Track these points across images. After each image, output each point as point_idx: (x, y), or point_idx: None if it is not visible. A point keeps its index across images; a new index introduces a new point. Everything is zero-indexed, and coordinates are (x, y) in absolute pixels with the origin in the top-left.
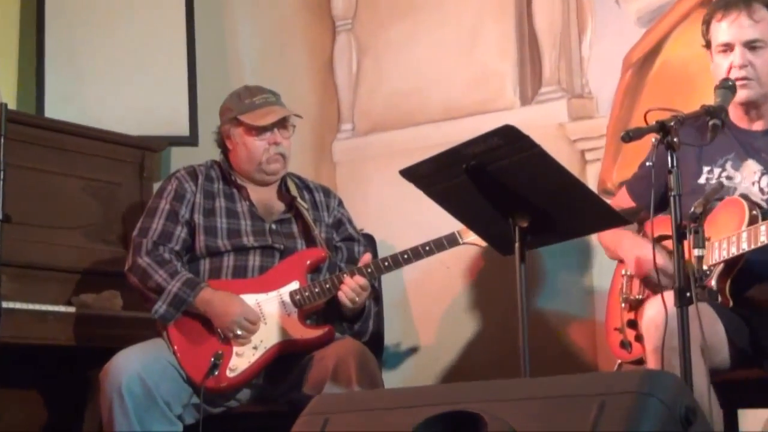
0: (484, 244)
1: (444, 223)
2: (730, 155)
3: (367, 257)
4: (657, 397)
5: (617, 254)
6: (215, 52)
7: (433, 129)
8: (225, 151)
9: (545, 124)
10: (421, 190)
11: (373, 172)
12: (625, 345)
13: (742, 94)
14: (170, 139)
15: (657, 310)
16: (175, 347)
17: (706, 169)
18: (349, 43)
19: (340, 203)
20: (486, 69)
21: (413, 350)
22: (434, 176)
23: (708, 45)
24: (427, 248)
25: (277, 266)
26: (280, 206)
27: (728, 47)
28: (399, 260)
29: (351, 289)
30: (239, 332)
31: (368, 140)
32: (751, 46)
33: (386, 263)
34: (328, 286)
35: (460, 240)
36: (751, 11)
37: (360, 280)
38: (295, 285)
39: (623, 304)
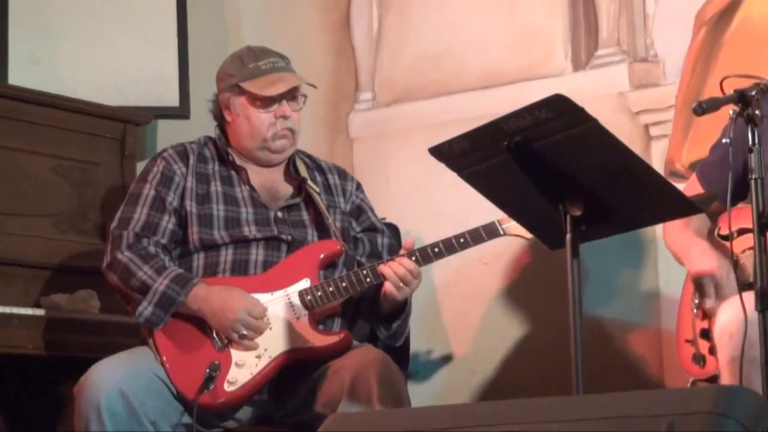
0: (529, 235)
1: (481, 211)
2: None
3: (410, 242)
4: (734, 417)
5: (683, 263)
6: (210, 7)
7: (469, 99)
8: (222, 124)
9: (602, 93)
10: (454, 171)
11: (396, 150)
12: (697, 359)
13: None
14: (156, 110)
15: (732, 315)
16: (164, 357)
17: None
18: None
19: (359, 187)
20: (532, 28)
21: (444, 361)
22: (470, 155)
23: None
24: (462, 240)
25: (283, 261)
26: (287, 190)
27: None
28: (428, 254)
29: (398, 273)
30: (244, 332)
31: (391, 112)
32: None
33: (413, 258)
34: (344, 284)
35: (500, 231)
36: None
37: (408, 263)
38: (305, 283)
39: (695, 311)
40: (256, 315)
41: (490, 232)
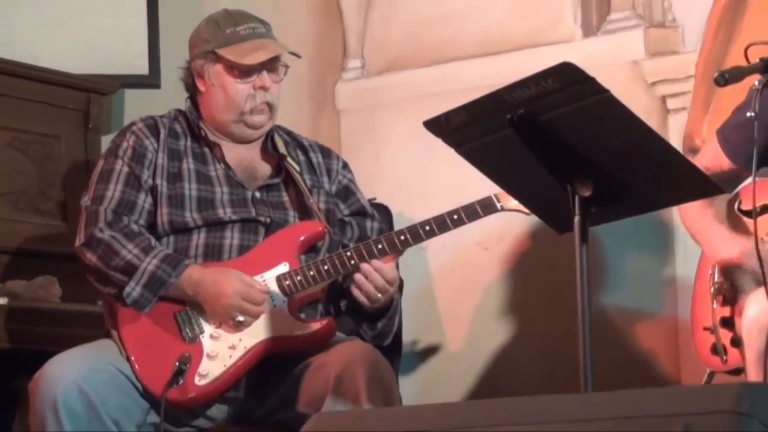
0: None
1: (480, 190)
2: None
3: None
4: (758, 418)
5: (701, 245)
6: None
7: (468, 67)
8: (194, 95)
9: (615, 61)
10: (451, 146)
11: (388, 124)
12: (717, 350)
13: None
14: (124, 78)
15: (761, 308)
16: (128, 350)
17: None
18: None
19: (346, 166)
20: None
21: (439, 356)
22: (468, 129)
23: None
24: (456, 217)
25: (260, 245)
26: (265, 168)
27: None
28: (419, 233)
29: (376, 284)
30: (241, 318)
31: (382, 82)
32: None
33: (402, 237)
34: (326, 267)
35: (498, 206)
36: None
37: (387, 272)
38: (283, 267)
39: (715, 297)
40: (253, 300)
41: (486, 207)
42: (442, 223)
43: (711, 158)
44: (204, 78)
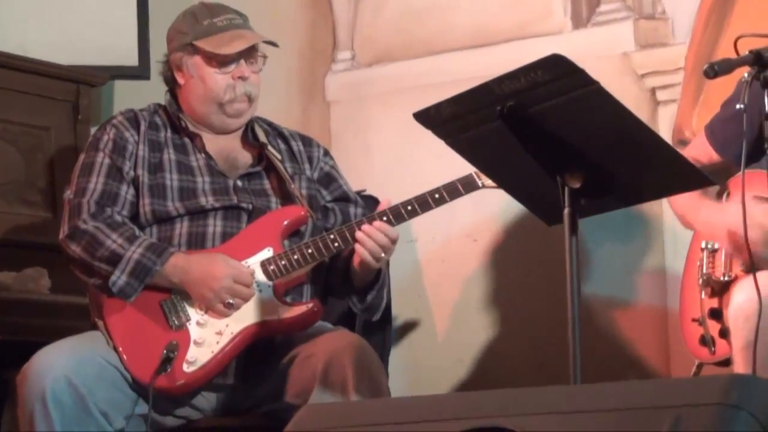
0: None
1: None
2: None
3: (386, 202)
4: (747, 410)
5: (697, 227)
6: None
7: (458, 59)
8: (173, 88)
9: (605, 53)
10: (441, 138)
11: (378, 115)
12: (706, 341)
13: None
14: (113, 70)
15: (748, 296)
16: (116, 341)
17: None
18: None
19: (327, 153)
20: None
21: (428, 347)
22: (458, 121)
23: None
24: (437, 196)
25: (243, 231)
26: (246, 158)
27: None
28: (401, 213)
29: (379, 242)
30: (231, 300)
31: (372, 73)
32: None
33: (385, 218)
34: (310, 250)
35: (479, 183)
36: None
37: (387, 228)
38: (267, 253)
39: (703, 289)
40: (243, 281)
41: (467, 185)
42: (423, 202)
43: (699, 152)
44: (183, 71)
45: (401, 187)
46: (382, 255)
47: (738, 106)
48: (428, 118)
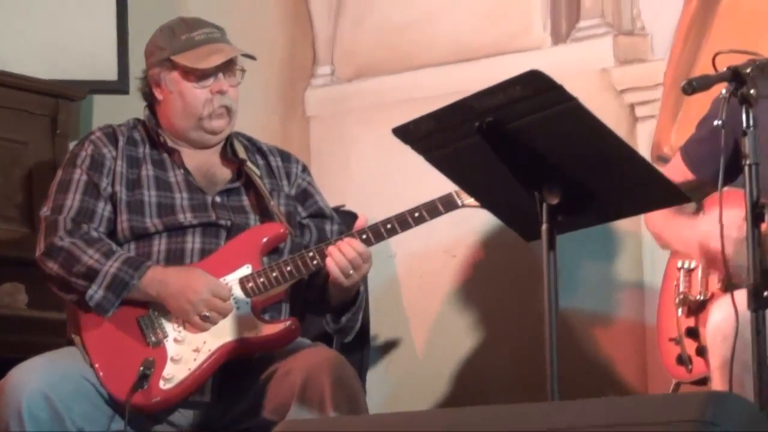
0: None
1: None
2: None
3: (362, 221)
4: (724, 427)
5: (671, 244)
6: None
7: (438, 74)
8: (152, 103)
9: (584, 69)
10: (420, 154)
11: (357, 130)
12: (683, 360)
13: None
14: (92, 84)
15: (725, 315)
16: (92, 357)
17: None
18: None
19: (305, 169)
20: None
21: (406, 363)
22: (437, 136)
23: None
24: (417, 215)
25: (222, 248)
26: (224, 173)
27: None
28: (380, 232)
29: (347, 256)
30: (207, 313)
31: (352, 88)
32: None
33: (364, 236)
34: (289, 268)
35: (459, 202)
36: None
37: (358, 245)
38: (246, 270)
39: (680, 308)
40: (220, 295)
41: (447, 204)
42: (403, 221)
43: (675, 172)
44: (161, 86)
45: (381, 202)
46: (352, 272)
47: (716, 123)
48: (407, 133)
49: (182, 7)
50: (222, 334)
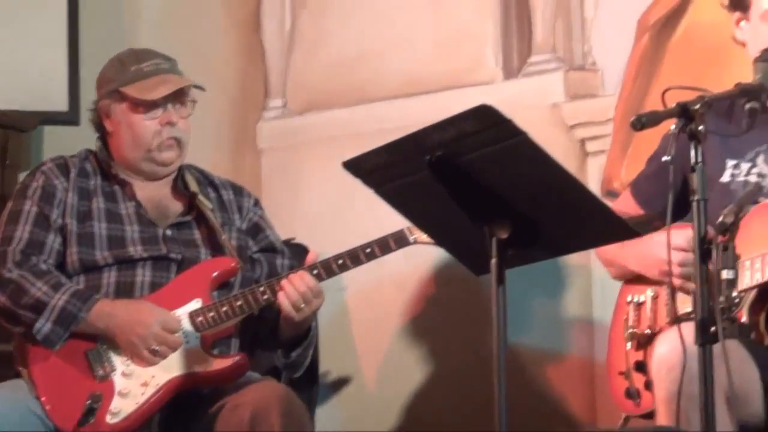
0: None
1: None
2: (762, 147)
3: (313, 256)
4: None
5: (624, 266)
6: (104, 1)
7: (390, 108)
8: (103, 135)
9: (535, 103)
10: (371, 187)
11: (309, 164)
12: (631, 394)
13: None
14: (43, 115)
15: (671, 347)
16: (39, 390)
17: (730, 163)
18: None
19: (257, 203)
20: (460, 31)
21: (355, 394)
22: (388, 170)
23: (737, 6)
24: (369, 251)
25: (172, 281)
26: (176, 206)
27: None
28: (332, 268)
29: (298, 290)
30: (157, 347)
31: (304, 121)
32: None
33: (315, 271)
34: (240, 303)
35: (410, 239)
36: None
37: (309, 279)
38: (196, 304)
39: (629, 342)
40: (170, 329)
41: (399, 240)
42: (354, 257)
43: (625, 206)
44: (111, 117)
45: (332, 236)
46: (302, 306)
47: (664, 159)
48: (357, 167)
49: (134, 39)
50: (170, 369)
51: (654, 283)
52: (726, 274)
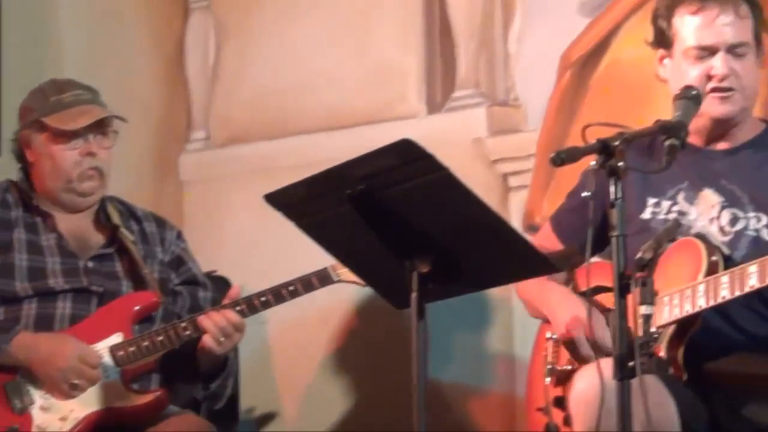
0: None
1: (324, 264)
2: (683, 184)
3: (235, 290)
4: None
5: (541, 311)
6: (26, 31)
7: (312, 141)
8: (25, 165)
9: (458, 138)
10: (292, 221)
11: (231, 196)
12: (550, 430)
13: (721, 109)
14: None
15: (589, 383)
16: None
17: (651, 201)
18: (205, 25)
19: (180, 236)
20: (383, 65)
21: (275, 428)
22: (309, 204)
23: (661, 43)
24: (292, 288)
25: (93, 315)
26: (97, 238)
27: (708, 51)
28: (254, 305)
29: (219, 325)
30: (76, 381)
31: (226, 154)
32: (735, 51)
33: (238, 308)
34: (161, 338)
35: (334, 277)
36: (736, 5)
37: (232, 315)
38: (117, 338)
39: (548, 378)
40: (90, 363)
41: (322, 278)
42: (277, 295)
43: (545, 241)
44: (32, 148)
45: (254, 268)
46: (222, 339)
47: (583, 194)
48: (279, 200)
49: (57, 69)
50: (90, 403)
51: None
52: (644, 310)
